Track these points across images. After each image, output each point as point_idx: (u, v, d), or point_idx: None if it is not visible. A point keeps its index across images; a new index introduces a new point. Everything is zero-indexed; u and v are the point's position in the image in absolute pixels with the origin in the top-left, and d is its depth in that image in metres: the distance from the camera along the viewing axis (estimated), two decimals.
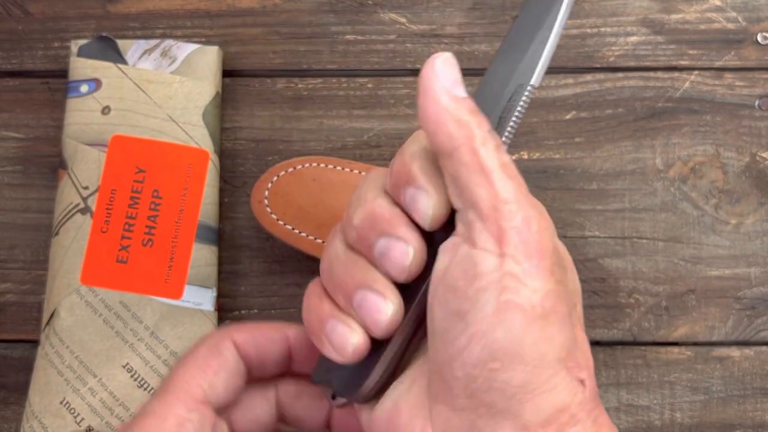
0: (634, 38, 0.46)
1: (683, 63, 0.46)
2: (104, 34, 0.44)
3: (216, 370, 0.29)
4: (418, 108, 0.26)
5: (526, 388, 0.24)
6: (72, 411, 0.39)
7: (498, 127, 0.27)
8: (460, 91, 0.26)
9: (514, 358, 0.24)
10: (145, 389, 0.40)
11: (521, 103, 0.27)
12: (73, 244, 0.41)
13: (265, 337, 0.30)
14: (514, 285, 0.24)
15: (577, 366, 0.25)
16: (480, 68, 0.45)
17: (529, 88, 0.27)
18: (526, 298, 0.24)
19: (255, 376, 0.31)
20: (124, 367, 0.40)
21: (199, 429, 0.27)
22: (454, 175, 0.25)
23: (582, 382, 0.25)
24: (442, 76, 0.26)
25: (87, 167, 0.42)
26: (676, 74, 0.45)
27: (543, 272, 0.24)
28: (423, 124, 0.26)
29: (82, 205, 0.42)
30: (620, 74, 0.45)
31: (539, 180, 0.45)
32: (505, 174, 0.25)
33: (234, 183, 0.45)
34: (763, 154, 0.45)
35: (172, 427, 0.27)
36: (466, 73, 0.27)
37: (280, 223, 0.41)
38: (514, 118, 0.27)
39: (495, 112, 0.27)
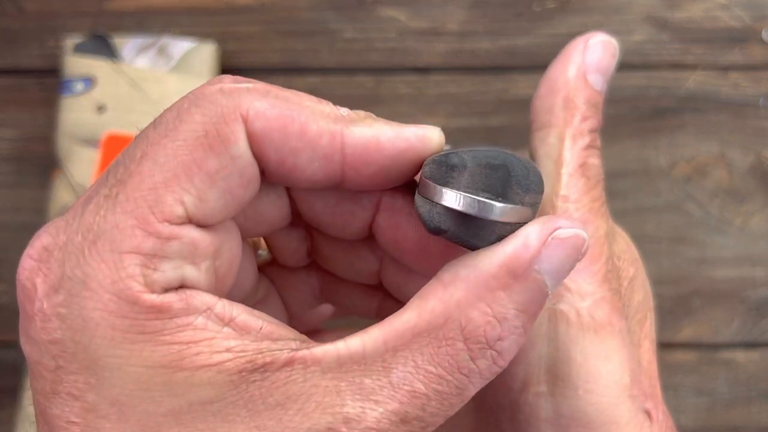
0: (638, 36, 0.45)
1: (688, 61, 0.45)
2: (100, 32, 0.44)
3: (212, 174, 0.17)
4: (548, 68, 0.23)
5: (579, 420, 0.19)
6: None
7: None
8: (597, 80, 0.22)
9: (560, 379, 0.19)
10: None
11: None
12: None
13: (304, 137, 0.18)
14: (557, 290, 0.20)
15: (642, 394, 0.20)
16: (482, 67, 0.44)
17: None
18: (571, 304, 0.20)
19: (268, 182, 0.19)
20: None
21: (182, 267, 0.17)
22: (531, 150, 0.22)
23: (648, 414, 0.20)
24: (590, 53, 0.22)
25: (81, 167, 0.41)
26: (680, 73, 0.45)
27: (593, 276, 0.20)
28: (540, 83, 0.23)
29: None
30: (624, 72, 0.45)
31: None
32: (580, 173, 0.21)
33: None
34: None
35: (118, 283, 0.16)
36: (468, 72, 0.26)
37: None
38: None
39: None
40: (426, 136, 0.19)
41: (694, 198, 0.44)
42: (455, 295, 0.17)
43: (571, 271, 0.18)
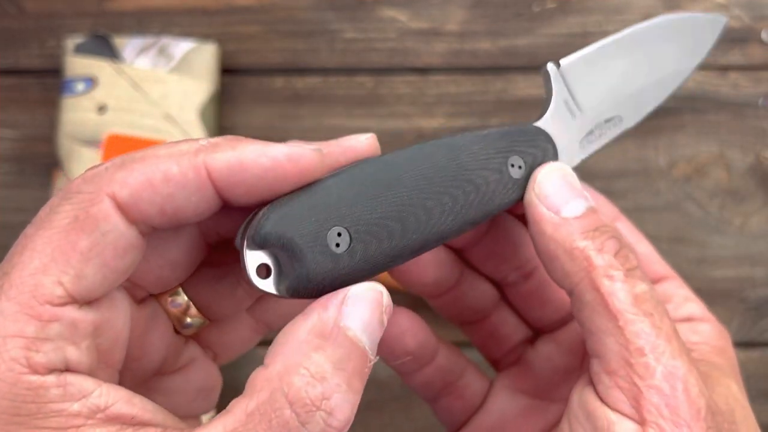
0: None
1: None
2: (100, 32, 0.44)
3: (85, 253, 0.18)
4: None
5: None
6: None
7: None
8: (572, 207, 0.21)
9: None
10: None
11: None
12: None
13: (170, 181, 0.19)
14: None
15: None
16: (482, 67, 0.44)
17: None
18: None
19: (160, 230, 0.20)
20: None
21: (63, 348, 0.18)
22: (578, 318, 0.21)
23: None
24: (547, 195, 0.21)
25: (82, 167, 0.41)
26: None
27: None
28: (539, 258, 0.22)
29: None
30: None
31: None
32: (640, 311, 0.20)
33: None
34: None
35: (12, 367, 0.17)
36: (468, 72, 0.26)
37: None
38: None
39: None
40: (293, 155, 0.20)
41: (694, 198, 0.44)
42: (276, 369, 0.18)
43: (381, 325, 0.19)
